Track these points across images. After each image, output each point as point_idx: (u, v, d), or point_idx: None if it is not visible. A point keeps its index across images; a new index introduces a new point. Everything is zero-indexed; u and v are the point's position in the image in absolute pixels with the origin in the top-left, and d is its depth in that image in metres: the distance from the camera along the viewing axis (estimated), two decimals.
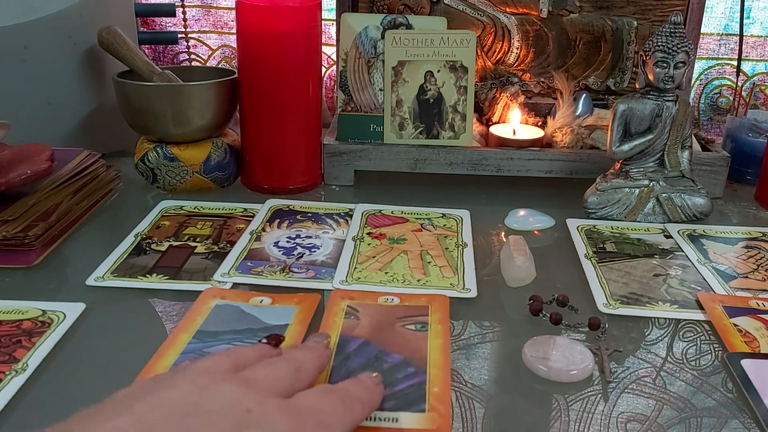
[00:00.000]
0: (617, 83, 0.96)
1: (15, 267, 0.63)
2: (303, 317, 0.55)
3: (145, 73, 0.82)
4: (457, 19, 0.94)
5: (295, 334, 0.53)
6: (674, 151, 0.76)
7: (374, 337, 0.52)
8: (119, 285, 0.60)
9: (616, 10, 0.94)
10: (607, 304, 0.59)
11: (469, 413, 0.46)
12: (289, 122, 0.81)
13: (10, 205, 0.66)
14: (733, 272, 0.66)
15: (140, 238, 0.69)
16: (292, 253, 0.67)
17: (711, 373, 0.51)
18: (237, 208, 0.77)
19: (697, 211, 0.76)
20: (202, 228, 0.72)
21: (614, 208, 0.76)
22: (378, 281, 0.61)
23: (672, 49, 0.72)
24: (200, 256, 0.66)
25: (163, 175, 0.80)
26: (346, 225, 0.74)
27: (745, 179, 0.90)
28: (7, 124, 0.70)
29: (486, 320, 0.57)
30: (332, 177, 0.85)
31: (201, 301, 0.57)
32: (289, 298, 0.58)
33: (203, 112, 0.79)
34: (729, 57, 1.08)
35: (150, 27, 1.11)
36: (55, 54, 0.84)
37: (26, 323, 0.53)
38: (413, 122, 0.85)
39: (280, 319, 0.55)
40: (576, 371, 0.49)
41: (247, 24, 0.78)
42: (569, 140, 0.85)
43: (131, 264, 0.64)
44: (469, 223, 0.74)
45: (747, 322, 0.57)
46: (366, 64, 0.84)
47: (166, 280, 0.61)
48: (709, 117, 1.13)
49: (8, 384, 0.46)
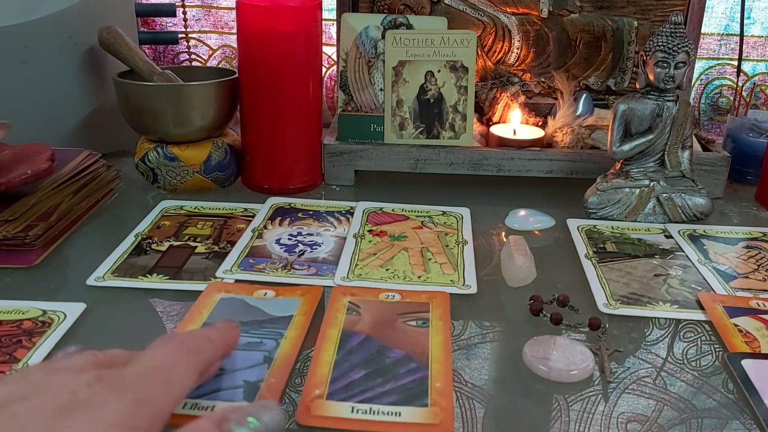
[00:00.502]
0: (618, 83, 0.96)
1: (15, 267, 0.63)
2: (307, 308, 0.56)
3: (146, 73, 0.82)
4: (457, 19, 0.94)
5: (299, 324, 0.54)
6: (675, 151, 0.76)
7: (376, 333, 0.53)
8: (119, 285, 0.60)
9: (617, 10, 0.94)
10: (608, 304, 0.59)
11: (469, 413, 0.46)
12: (289, 122, 0.81)
13: (10, 205, 0.66)
14: (734, 272, 0.66)
15: (140, 238, 0.69)
16: (293, 251, 0.67)
17: (711, 374, 0.51)
18: (237, 208, 0.77)
19: (698, 211, 0.76)
20: (202, 228, 0.72)
21: (615, 208, 0.76)
22: (379, 278, 0.62)
23: (672, 49, 0.72)
24: (200, 256, 0.66)
25: (163, 175, 0.80)
26: (347, 222, 0.74)
27: (746, 179, 0.90)
28: (7, 124, 0.70)
29: (486, 320, 0.57)
30: (333, 177, 0.85)
31: (206, 295, 0.58)
32: (292, 291, 0.59)
33: (204, 112, 0.79)
34: (729, 57, 1.08)
35: (150, 27, 1.11)
36: (55, 54, 0.84)
37: (27, 323, 0.53)
38: (414, 122, 0.85)
39: (284, 311, 0.56)
40: (576, 371, 0.49)
41: (247, 24, 0.78)
42: (570, 140, 0.85)
43: (132, 264, 0.64)
44: (469, 221, 0.75)
45: (747, 322, 0.57)
46: (366, 64, 0.84)
47: (166, 280, 0.61)
48: (710, 117, 1.13)
49: None
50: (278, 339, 0.52)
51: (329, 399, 0.45)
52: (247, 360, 0.49)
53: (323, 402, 0.45)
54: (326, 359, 0.49)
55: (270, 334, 0.52)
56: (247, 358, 0.49)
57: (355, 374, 0.48)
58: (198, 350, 0.38)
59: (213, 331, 0.41)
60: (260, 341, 0.51)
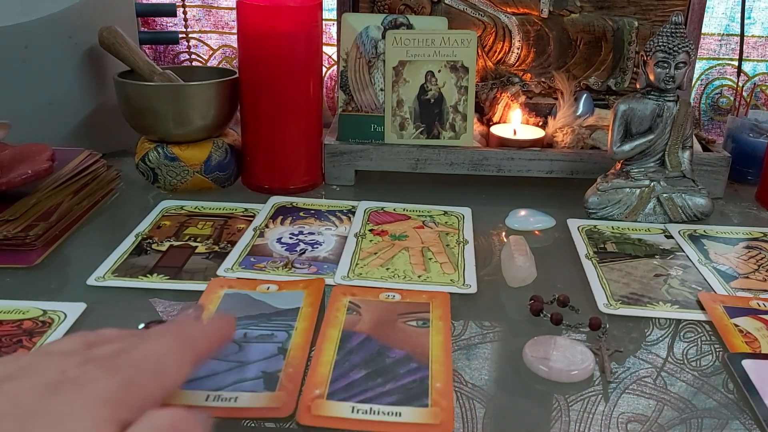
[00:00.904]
0: (618, 83, 0.96)
1: (16, 267, 0.63)
2: (312, 300, 0.57)
3: (146, 73, 0.82)
4: (457, 19, 0.94)
5: (307, 316, 0.55)
6: (675, 151, 0.76)
7: (376, 333, 0.53)
8: (120, 285, 0.60)
9: (617, 10, 0.94)
10: (608, 305, 0.59)
11: (469, 413, 0.46)
12: (289, 122, 0.81)
13: (10, 204, 0.66)
14: (734, 272, 0.66)
15: (141, 238, 0.69)
16: (294, 249, 0.67)
17: (712, 374, 0.51)
18: (238, 208, 0.77)
19: (698, 212, 0.76)
20: (202, 228, 0.72)
21: (615, 208, 0.76)
22: (379, 277, 0.62)
23: (673, 50, 0.72)
24: (201, 256, 0.66)
25: (163, 174, 0.80)
26: (348, 222, 0.74)
27: (746, 179, 0.90)
28: (7, 124, 0.70)
29: (486, 320, 0.57)
30: (333, 177, 0.85)
31: (210, 291, 0.58)
32: (294, 284, 0.60)
33: (204, 112, 0.79)
34: (730, 57, 1.08)
35: (151, 27, 1.11)
36: (55, 54, 0.84)
37: (27, 323, 0.53)
38: (414, 122, 0.85)
39: (290, 303, 0.56)
40: (576, 371, 0.49)
41: (247, 24, 0.78)
42: (570, 140, 0.85)
43: (132, 264, 0.64)
44: (470, 221, 0.75)
45: (748, 322, 0.56)
46: (367, 64, 0.84)
47: (166, 280, 0.61)
48: (710, 117, 1.13)
49: None
50: (289, 330, 0.53)
51: (329, 399, 0.45)
52: (263, 351, 0.50)
53: (323, 402, 0.45)
54: (326, 359, 0.49)
55: (280, 326, 0.53)
56: (262, 349, 0.50)
57: (355, 374, 0.48)
58: (193, 343, 0.38)
59: (210, 325, 0.41)
60: (272, 333, 0.52)
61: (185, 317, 0.44)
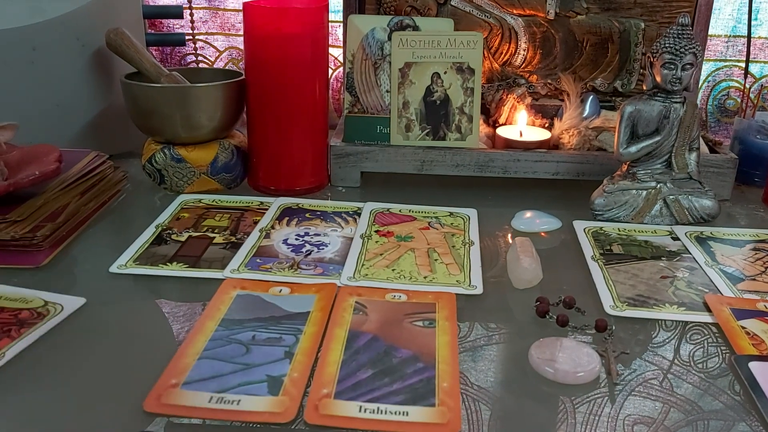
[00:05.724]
0: (624, 85, 0.96)
1: (23, 267, 0.63)
2: (324, 304, 0.57)
3: (153, 74, 0.82)
4: (463, 21, 0.94)
5: (317, 320, 0.55)
6: (682, 152, 0.76)
7: (383, 333, 0.53)
8: (141, 273, 0.62)
9: (624, 12, 0.94)
10: (614, 306, 0.59)
11: (475, 415, 0.46)
12: (295, 124, 0.81)
13: (18, 205, 0.66)
14: (741, 274, 0.65)
15: (161, 228, 0.71)
16: (300, 251, 0.67)
17: (718, 376, 0.51)
18: (254, 202, 0.79)
19: (705, 213, 0.76)
20: (220, 220, 0.74)
21: (621, 210, 0.76)
22: (385, 278, 0.62)
23: (680, 51, 0.72)
24: (219, 246, 0.68)
25: (170, 176, 0.80)
26: (354, 223, 0.74)
27: (753, 181, 0.89)
28: (15, 125, 0.71)
29: (492, 322, 0.57)
30: (339, 178, 0.86)
31: (222, 291, 0.59)
32: (307, 288, 0.60)
33: (210, 113, 0.79)
34: (737, 59, 1.08)
35: (157, 29, 1.11)
36: (63, 56, 0.84)
37: (24, 313, 0.54)
38: (420, 124, 0.85)
39: (301, 307, 0.57)
40: (583, 373, 0.49)
41: (254, 26, 0.78)
42: (576, 142, 0.85)
43: (153, 253, 0.66)
44: (476, 222, 0.75)
45: (755, 324, 0.56)
46: (373, 65, 0.84)
47: (186, 268, 0.63)
48: (717, 119, 1.12)
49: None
50: (297, 335, 0.53)
51: (337, 398, 0.46)
52: (269, 355, 0.50)
53: (331, 401, 0.45)
54: (333, 359, 0.50)
55: (288, 330, 0.53)
56: (268, 353, 0.50)
57: (362, 374, 0.48)
58: None
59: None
60: (279, 337, 0.52)
61: None
